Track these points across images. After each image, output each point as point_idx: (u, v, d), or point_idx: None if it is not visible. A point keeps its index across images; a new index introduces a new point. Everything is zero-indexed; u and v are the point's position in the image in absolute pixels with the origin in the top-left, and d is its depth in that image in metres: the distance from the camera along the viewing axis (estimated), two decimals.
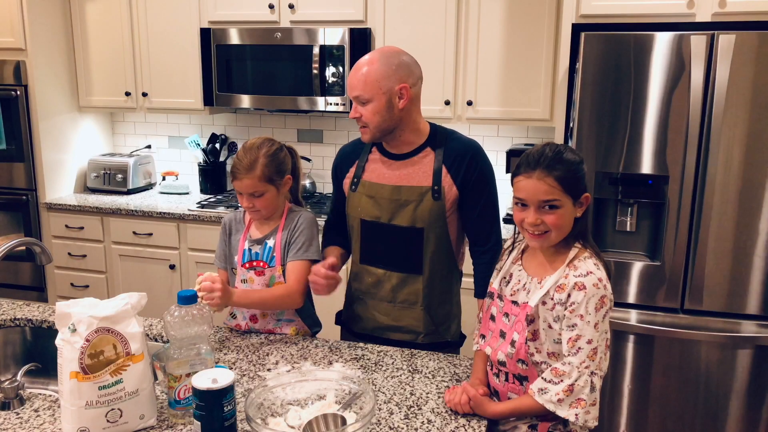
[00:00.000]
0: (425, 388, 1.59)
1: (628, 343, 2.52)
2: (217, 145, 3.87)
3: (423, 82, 1.86)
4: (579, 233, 1.46)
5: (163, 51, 3.59)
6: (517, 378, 1.47)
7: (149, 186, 4.01)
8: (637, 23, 2.50)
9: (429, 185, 1.82)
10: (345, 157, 1.98)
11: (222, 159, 3.91)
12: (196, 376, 1.29)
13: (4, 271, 3.72)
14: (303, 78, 3.30)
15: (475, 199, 1.85)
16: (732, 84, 2.27)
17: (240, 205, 1.94)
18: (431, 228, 1.84)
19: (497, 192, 1.90)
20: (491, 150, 3.39)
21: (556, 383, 1.37)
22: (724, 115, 2.30)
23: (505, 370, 1.49)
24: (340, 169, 1.99)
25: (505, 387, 1.50)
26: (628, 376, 2.55)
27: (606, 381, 2.49)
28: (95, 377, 1.31)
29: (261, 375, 1.65)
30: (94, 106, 3.82)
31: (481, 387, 1.52)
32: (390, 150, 1.89)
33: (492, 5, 3.07)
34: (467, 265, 1.97)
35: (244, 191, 1.84)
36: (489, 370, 1.56)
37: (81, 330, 1.31)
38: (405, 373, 1.66)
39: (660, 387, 2.52)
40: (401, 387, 1.59)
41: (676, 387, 2.50)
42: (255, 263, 1.90)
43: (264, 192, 1.84)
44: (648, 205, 2.50)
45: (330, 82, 3.27)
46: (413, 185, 1.83)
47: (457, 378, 1.65)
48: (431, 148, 1.86)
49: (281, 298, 1.86)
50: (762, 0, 2.36)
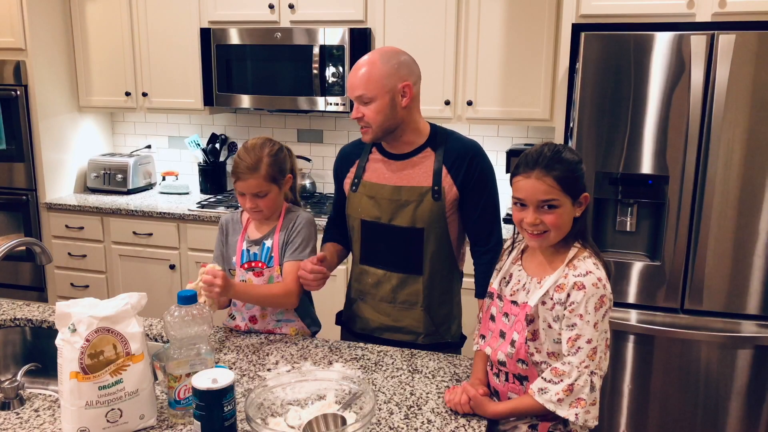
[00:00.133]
0: (425, 388, 1.59)
1: (628, 343, 2.52)
2: (217, 145, 3.87)
3: (422, 82, 1.86)
4: (578, 233, 1.46)
5: (163, 51, 3.59)
6: (517, 378, 1.47)
7: (149, 186, 4.01)
8: (637, 23, 2.50)
9: (429, 185, 1.82)
10: (345, 158, 1.98)
11: (222, 159, 3.91)
12: (196, 376, 1.29)
13: (4, 271, 3.72)
14: (303, 78, 3.30)
15: (476, 200, 1.85)
16: (732, 84, 2.27)
17: (240, 206, 1.94)
18: (431, 228, 1.83)
19: (497, 192, 1.90)
20: (491, 150, 3.39)
21: (556, 383, 1.37)
22: (724, 115, 2.30)
23: (505, 370, 1.49)
24: (340, 170, 1.99)
25: (505, 387, 1.50)
26: (628, 376, 2.55)
27: (606, 381, 2.49)
28: (95, 377, 1.31)
29: (261, 375, 1.65)
30: (94, 106, 3.82)
31: (481, 387, 1.52)
32: (390, 150, 1.89)
33: (492, 5, 3.07)
34: (468, 266, 1.96)
35: (248, 192, 1.83)
36: (489, 370, 1.56)
37: (81, 330, 1.31)
38: (405, 373, 1.66)
39: (660, 387, 2.52)
40: (401, 387, 1.59)
41: (676, 387, 2.50)
42: (253, 264, 1.90)
43: (268, 192, 1.84)
44: (648, 205, 2.50)
45: (330, 82, 3.27)
46: (413, 185, 1.83)
47: (457, 378, 1.65)
48: (431, 148, 1.86)
49: (278, 296, 1.86)
50: (762, 0, 2.36)
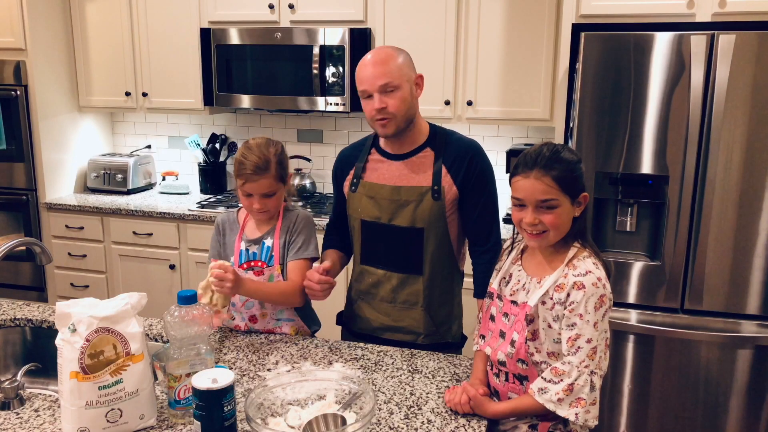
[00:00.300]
0: (425, 388, 1.59)
1: (628, 343, 2.52)
2: (217, 145, 3.87)
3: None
4: (578, 233, 1.46)
5: (163, 51, 3.59)
6: (517, 378, 1.47)
7: (149, 186, 4.01)
8: (637, 23, 2.50)
9: (429, 185, 1.82)
10: (344, 160, 1.98)
11: (222, 159, 3.91)
12: (196, 376, 1.29)
13: (4, 271, 3.72)
14: (303, 78, 3.30)
15: (475, 199, 1.85)
16: (732, 84, 2.27)
17: (243, 207, 1.93)
18: (431, 228, 1.83)
19: (497, 192, 1.90)
20: (491, 150, 3.39)
21: (556, 383, 1.37)
22: (724, 115, 2.30)
23: (505, 369, 1.49)
24: (340, 172, 1.99)
25: (505, 387, 1.50)
26: (628, 376, 2.55)
27: (606, 381, 2.49)
28: (95, 377, 1.31)
29: (261, 375, 1.65)
30: (94, 106, 3.82)
31: (481, 387, 1.52)
32: (390, 150, 1.89)
33: (492, 5, 3.07)
34: (468, 266, 1.96)
35: (258, 192, 1.82)
36: (489, 370, 1.56)
37: (81, 330, 1.31)
38: (405, 373, 1.66)
39: (660, 387, 2.52)
40: (401, 387, 1.59)
41: (676, 387, 2.50)
42: (253, 263, 1.90)
43: (276, 192, 1.85)
44: (648, 205, 2.50)
45: (330, 82, 3.27)
46: (413, 185, 1.83)
47: (457, 378, 1.65)
48: (431, 148, 1.86)
49: (286, 294, 1.86)
50: (762, 0, 2.36)
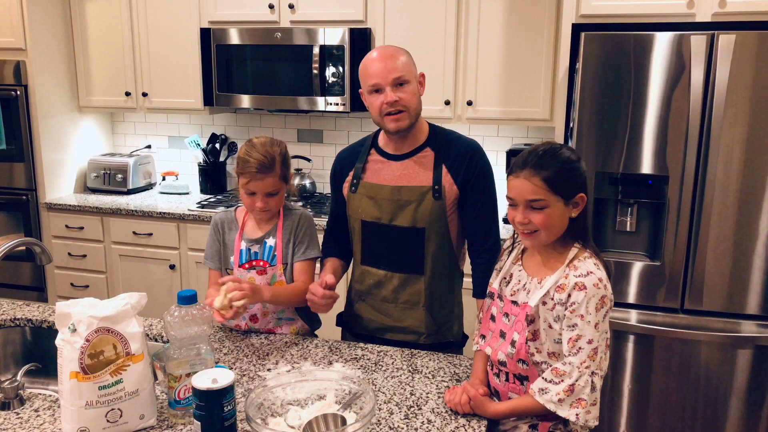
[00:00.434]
0: (425, 388, 1.59)
1: (628, 343, 2.52)
2: (217, 145, 3.87)
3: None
4: (578, 233, 1.46)
5: (163, 51, 3.59)
6: (518, 378, 1.47)
7: (149, 186, 4.01)
8: (637, 23, 2.50)
9: (429, 185, 1.82)
10: (343, 161, 1.98)
11: (222, 159, 3.91)
12: (196, 376, 1.29)
13: (4, 271, 3.72)
14: (303, 78, 3.30)
15: (475, 199, 1.85)
16: (732, 84, 2.27)
17: (243, 205, 1.93)
18: (432, 228, 1.83)
19: (496, 191, 1.90)
20: (491, 150, 3.39)
21: (556, 383, 1.37)
22: (724, 115, 2.30)
23: (506, 370, 1.49)
24: (339, 174, 1.98)
25: (506, 387, 1.50)
26: (628, 376, 2.55)
27: (606, 381, 2.49)
28: (95, 377, 1.31)
29: (261, 375, 1.65)
30: (94, 106, 3.82)
31: (482, 387, 1.52)
32: (390, 151, 1.89)
33: (492, 5, 3.07)
34: (468, 266, 1.96)
35: (262, 191, 1.82)
36: (489, 370, 1.56)
37: (81, 330, 1.31)
38: (405, 373, 1.66)
39: (660, 387, 2.52)
40: (401, 387, 1.59)
41: (676, 387, 2.50)
42: (255, 263, 1.90)
43: (279, 190, 1.85)
44: (648, 205, 2.50)
45: (330, 82, 3.27)
46: (413, 185, 1.83)
47: (457, 378, 1.65)
48: (431, 147, 1.86)
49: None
50: (762, 0, 2.36)
